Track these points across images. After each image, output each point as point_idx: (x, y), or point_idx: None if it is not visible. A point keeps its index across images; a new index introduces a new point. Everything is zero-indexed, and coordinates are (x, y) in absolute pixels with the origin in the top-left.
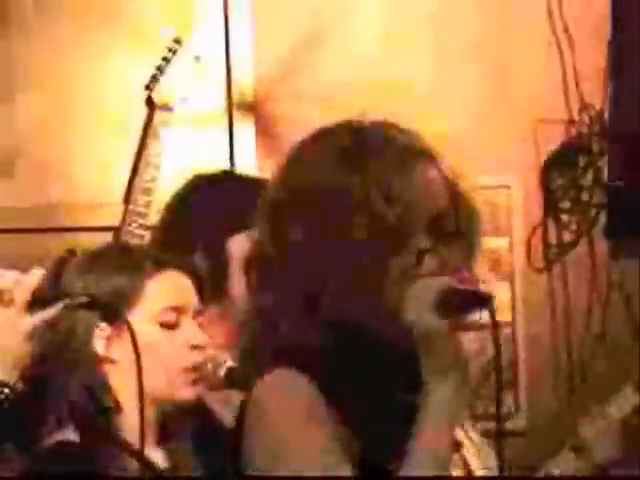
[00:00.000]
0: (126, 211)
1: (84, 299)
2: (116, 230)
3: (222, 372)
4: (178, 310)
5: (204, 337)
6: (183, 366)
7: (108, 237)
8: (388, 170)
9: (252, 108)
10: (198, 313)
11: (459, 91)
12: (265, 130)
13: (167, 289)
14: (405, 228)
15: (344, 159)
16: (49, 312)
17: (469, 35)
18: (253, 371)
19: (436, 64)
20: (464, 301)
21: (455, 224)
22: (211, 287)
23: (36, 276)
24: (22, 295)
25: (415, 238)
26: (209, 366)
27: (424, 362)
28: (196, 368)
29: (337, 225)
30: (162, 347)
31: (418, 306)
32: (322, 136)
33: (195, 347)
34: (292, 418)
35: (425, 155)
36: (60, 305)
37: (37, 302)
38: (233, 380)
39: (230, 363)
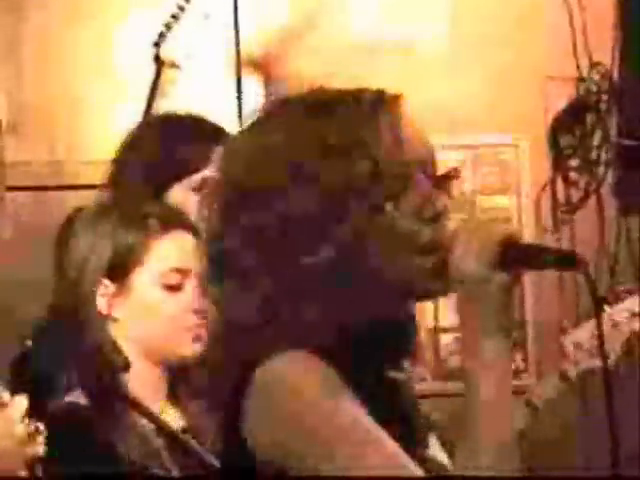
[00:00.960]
0: None
1: None
2: None
3: None
4: (182, 272)
5: (205, 302)
6: (184, 326)
7: None
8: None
9: (259, 66)
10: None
11: (467, 51)
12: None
13: (172, 250)
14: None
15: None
16: None
17: None
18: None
19: (443, 24)
20: (533, 256)
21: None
22: None
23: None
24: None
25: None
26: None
27: (468, 323)
28: (197, 327)
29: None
30: (164, 309)
31: (471, 255)
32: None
33: (196, 311)
34: (328, 399)
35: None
36: None
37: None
38: None
39: None
